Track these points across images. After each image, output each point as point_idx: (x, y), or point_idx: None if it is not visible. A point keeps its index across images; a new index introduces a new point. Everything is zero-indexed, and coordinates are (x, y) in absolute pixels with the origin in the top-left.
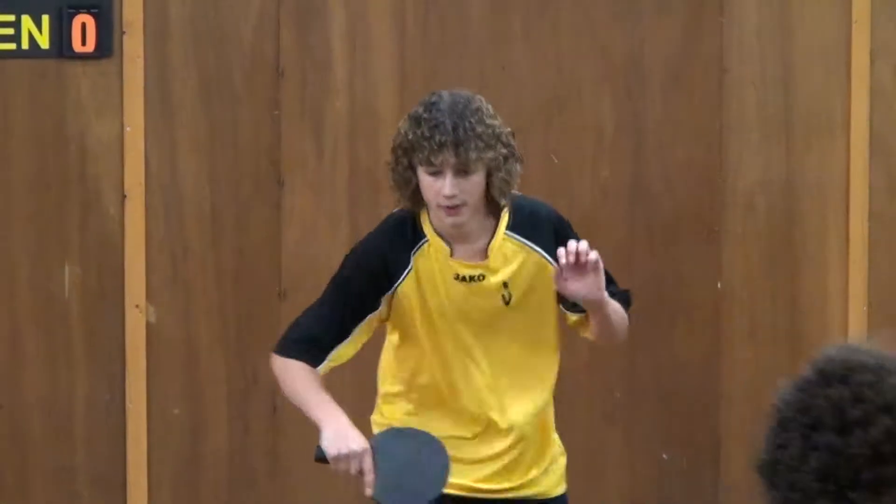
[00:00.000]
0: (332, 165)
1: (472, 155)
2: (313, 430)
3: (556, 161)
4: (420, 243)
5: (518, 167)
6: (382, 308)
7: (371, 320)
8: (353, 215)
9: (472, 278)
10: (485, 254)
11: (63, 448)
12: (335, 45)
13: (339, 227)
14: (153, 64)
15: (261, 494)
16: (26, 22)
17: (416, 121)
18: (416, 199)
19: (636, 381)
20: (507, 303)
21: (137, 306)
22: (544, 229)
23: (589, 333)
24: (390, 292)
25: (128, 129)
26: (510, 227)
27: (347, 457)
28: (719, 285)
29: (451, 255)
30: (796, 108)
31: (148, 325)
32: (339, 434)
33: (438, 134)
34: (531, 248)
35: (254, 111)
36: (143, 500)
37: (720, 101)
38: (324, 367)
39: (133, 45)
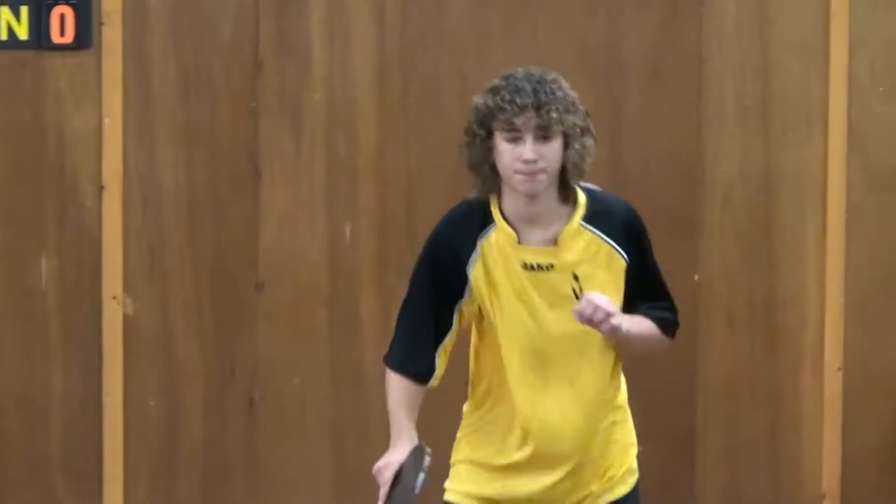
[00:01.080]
0: (310, 158)
1: (554, 115)
2: (289, 423)
3: None
4: (487, 229)
5: (593, 145)
6: (466, 296)
7: (461, 307)
8: (330, 208)
9: (539, 267)
10: (555, 241)
11: (39, 440)
12: (314, 37)
13: (316, 219)
14: (132, 55)
15: (237, 487)
16: (5, 13)
17: (493, 90)
18: (493, 179)
19: None
20: (577, 297)
21: (115, 298)
22: (620, 226)
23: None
24: (465, 279)
25: (106, 120)
26: (586, 218)
27: (378, 470)
28: (697, 277)
29: (519, 241)
30: (775, 100)
31: (125, 317)
32: (387, 454)
33: (519, 97)
34: (605, 240)
35: (232, 103)
36: (118, 492)
37: (699, 92)
38: (437, 368)
39: (112, 37)
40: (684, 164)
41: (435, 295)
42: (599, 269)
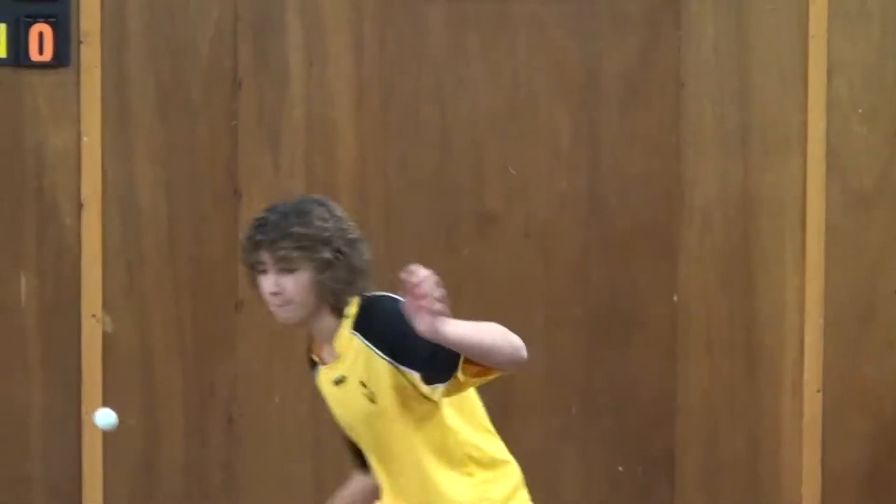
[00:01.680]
0: (289, 177)
1: (294, 254)
2: (269, 441)
3: (513, 173)
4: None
5: (346, 274)
6: None
7: None
8: None
9: (338, 381)
10: (335, 353)
11: (18, 458)
12: (292, 57)
13: None
14: (111, 74)
15: None
16: None
17: (247, 225)
18: None
19: (592, 395)
20: (372, 401)
21: (94, 316)
22: (375, 328)
23: (475, 378)
24: None
25: (85, 138)
26: (356, 327)
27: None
28: (675, 298)
29: (323, 363)
30: (753, 123)
31: (104, 334)
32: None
33: (260, 234)
34: (369, 346)
35: (211, 122)
36: None
37: (677, 115)
38: None
39: (90, 55)
40: (663, 186)
41: None
42: (377, 374)
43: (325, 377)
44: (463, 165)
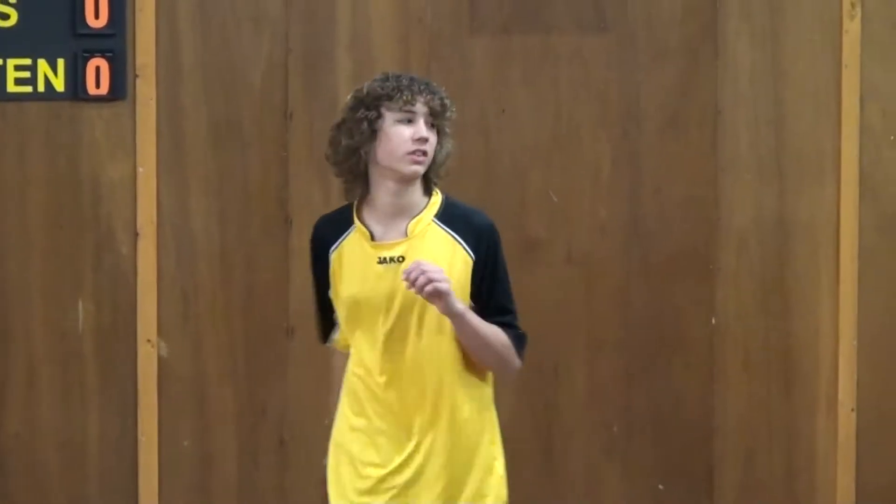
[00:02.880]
0: (339, 205)
1: (447, 103)
2: (319, 463)
3: (555, 200)
4: (348, 230)
5: (449, 156)
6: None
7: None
8: None
9: (391, 259)
10: (405, 232)
11: (77, 480)
12: (341, 89)
13: None
14: (165, 106)
15: None
16: (42, 65)
17: (382, 80)
18: (361, 172)
19: (633, 415)
20: None
21: (149, 341)
22: (474, 231)
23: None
24: (329, 276)
25: (140, 169)
26: (439, 216)
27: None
28: (713, 321)
29: (373, 238)
30: (788, 150)
31: (159, 359)
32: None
33: (414, 83)
34: (455, 239)
35: (262, 153)
36: None
37: (714, 142)
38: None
39: (146, 88)
40: (701, 211)
41: (319, 292)
42: (447, 264)
43: (365, 249)
44: (506, 193)
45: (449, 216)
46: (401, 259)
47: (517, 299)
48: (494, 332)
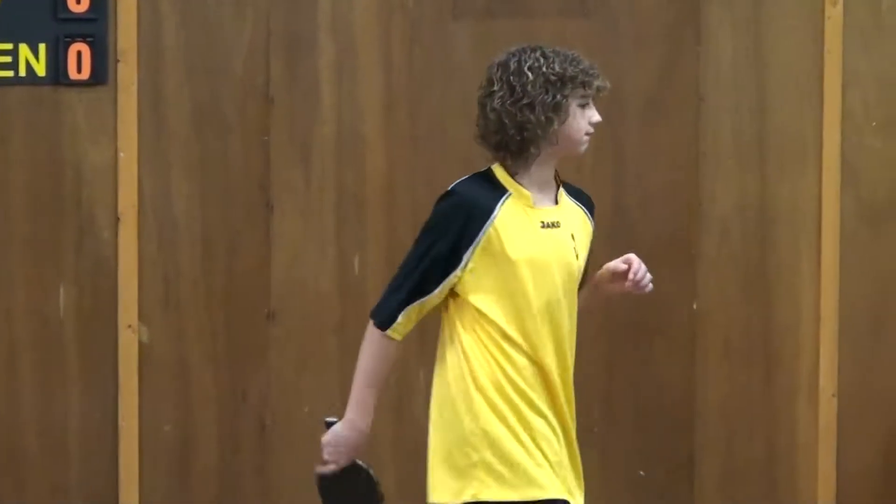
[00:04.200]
0: (320, 190)
1: (603, 92)
2: (301, 448)
3: None
4: (503, 196)
5: None
6: (464, 265)
7: (451, 279)
8: (339, 239)
9: (552, 224)
10: (555, 200)
11: (57, 466)
12: (323, 74)
13: (326, 250)
14: (147, 91)
15: None
16: (23, 50)
17: (565, 60)
18: (525, 151)
19: (614, 401)
20: (576, 256)
21: (130, 326)
22: (588, 202)
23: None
24: (474, 244)
25: (122, 154)
26: (565, 190)
27: (332, 452)
28: (695, 306)
29: (533, 204)
30: (770, 136)
31: (140, 344)
32: (341, 438)
33: (593, 68)
34: (582, 208)
35: (244, 138)
36: None
37: (696, 129)
38: (401, 325)
39: (127, 73)
40: (683, 197)
41: (433, 259)
42: (581, 233)
43: (528, 214)
44: None
45: (569, 190)
46: (556, 224)
47: None
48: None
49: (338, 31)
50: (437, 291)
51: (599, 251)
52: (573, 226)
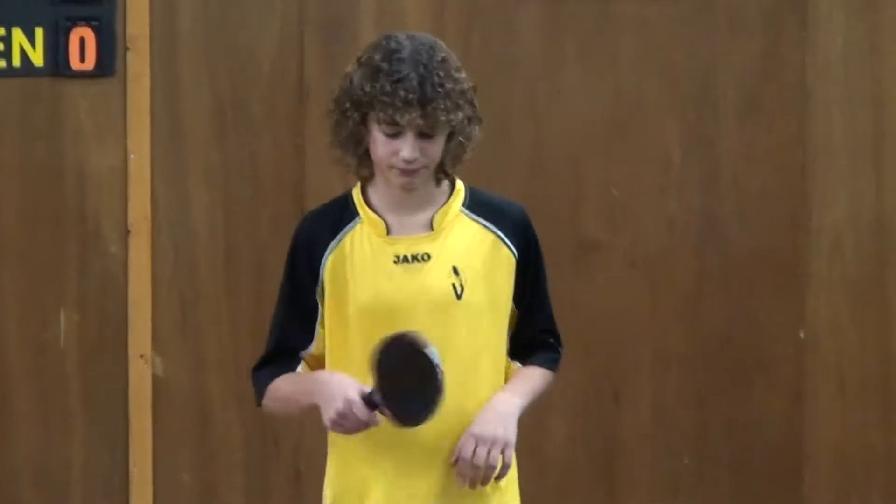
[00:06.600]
0: None
1: (441, 116)
2: None
3: (616, 194)
4: (350, 223)
5: (477, 131)
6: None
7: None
8: None
9: (414, 258)
10: (430, 225)
11: None
12: None
13: None
14: (161, 84)
15: None
16: (17, 35)
17: (373, 71)
18: (366, 161)
19: (707, 446)
20: (458, 296)
21: (142, 357)
22: (511, 221)
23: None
24: (318, 285)
25: (132, 157)
26: (466, 205)
27: (343, 416)
28: (802, 335)
29: (389, 232)
30: (888, 135)
31: (154, 378)
32: (325, 397)
33: (403, 90)
34: (491, 229)
35: (275, 139)
36: None
37: (803, 127)
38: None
39: (138, 63)
40: (787, 207)
41: (295, 308)
42: (484, 264)
43: (377, 245)
44: (559, 186)
45: (479, 204)
46: (426, 257)
47: (570, 309)
48: (543, 383)
49: (383, 16)
50: None
51: (687, 271)
52: (467, 254)
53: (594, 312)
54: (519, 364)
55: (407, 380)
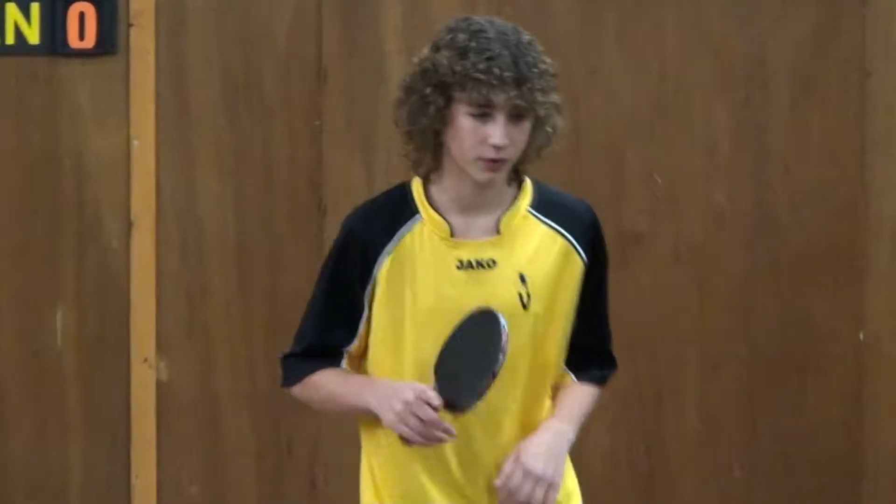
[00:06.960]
0: (385, 187)
1: (539, 97)
2: None
3: (659, 182)
4: (409, 222)
5: (562, 125)
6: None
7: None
8: None
9: (479, 264)
10: (496, 229)
11: None
12: (388, 43)
13: None
14: (167, 63)
15: None
16: (12, 11)
17: (461, 50)
18: (436, 156)
19: (758, 455)
20: (524, 306)
21: (146, 360)
22: (582, 224)
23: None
24: (370, 285)
25: (135, 142)
26: (534, 206)
27: (407, 413)
28: (862, 336)
29: (453, 234)
30: None
31: (158, 383)
32: (383, 399)
33: (497, 67)
34: (561, 233)
35: (290, 122)
36: None
37: (861, 111)
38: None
39: (142, 40)
40: (844, 196)
41: (339, 306)
42: (553, 270)
43: (440, 249)
44: (597, 173)
45: (548, 205)
46: (491, 264)
47: (613, 305)
48: (593, 403)
49: None
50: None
51: (737, 265)
52: (536, 261)
53: (635, 310)
54: (572, 376)
55: (466, 356)
